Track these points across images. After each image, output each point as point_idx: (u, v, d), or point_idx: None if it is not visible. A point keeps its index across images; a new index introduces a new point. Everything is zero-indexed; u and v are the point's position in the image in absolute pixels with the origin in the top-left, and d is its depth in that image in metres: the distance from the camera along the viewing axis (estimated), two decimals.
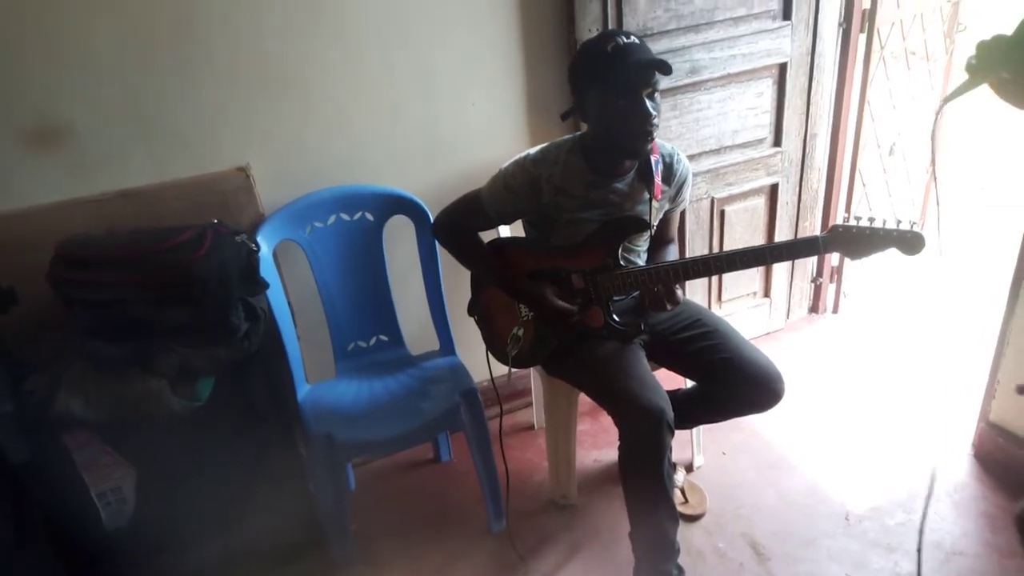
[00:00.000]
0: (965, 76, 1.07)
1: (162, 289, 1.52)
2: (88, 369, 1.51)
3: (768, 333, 2.80)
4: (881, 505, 2.01)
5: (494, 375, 1.86)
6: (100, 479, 1.61)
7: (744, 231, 2.55)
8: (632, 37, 1.58)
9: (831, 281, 2.87)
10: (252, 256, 1.70)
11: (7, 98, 1.64)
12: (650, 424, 1.59)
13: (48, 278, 1.51)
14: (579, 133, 1.77)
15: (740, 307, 2.70)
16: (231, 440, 1.72)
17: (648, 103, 1.56)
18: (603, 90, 1.58)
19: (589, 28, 2.02)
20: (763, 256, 1.61)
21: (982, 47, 0.98)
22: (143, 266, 1.52)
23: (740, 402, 1.78)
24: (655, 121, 1.58)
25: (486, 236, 1.87)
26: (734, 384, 1.73)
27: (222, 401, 1.65)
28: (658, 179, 1.73)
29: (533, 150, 1.77)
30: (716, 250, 2.53)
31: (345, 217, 2.01)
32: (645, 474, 1.66)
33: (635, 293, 1.82)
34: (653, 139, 1.61)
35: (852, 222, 1.50)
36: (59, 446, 1.51)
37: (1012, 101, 1.03)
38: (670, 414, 1.61)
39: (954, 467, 2.12)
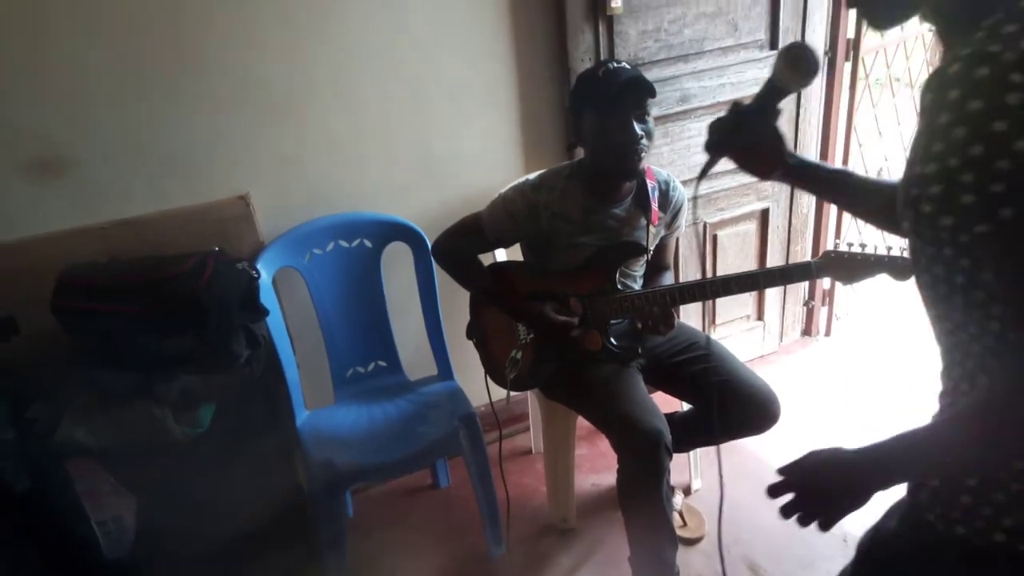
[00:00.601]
0: None
1: (165, 317, 1.53)
2: (91, 397, 1.52)
3: (762, 356, 2.83)
4: None
5: (493, 399, 1.87)
6: (101, 507, 1.60)
7: (736, 255, 2.59)
8: (623, 63, 1.63)
9: (823, 304, 2.90)
10: (253, 283, 1.72)
11: (10, 130, 1.67)
12: (648, 447, 1.60)
13: (51, 307, 1.53)
14: (578, 159, 1.81)
15: (734, 330, 2.72)
16: (231, 467, 1.72)
17: (637, 124, 1.60)
18: (594, 111, 1.64)
19: (581, 58, 2.07)
20: (757, 281, 1.64)
21: (710, 127, 1.11)
22: (146, 294, 1.54)
23: (737, 424, 1.80)
24: (644, 141, 1.62)
25: (484, 261, 1.89)
26: (731, 406, 1.75)
27: (223, 428, 1.66)
28: (655, 205, 1.76)
29: (532, 176, 1.81)
30: (709, 274, 2.56)
31: (344, 244, 2.03)
32: (644, 497, 1.67)
33: (632, 317, 1.84)
34: (641, 158, 1.65)
35: (844, 248, 1.53)
36: (61, 474, 1.51)
37: (749, 170, 1.15)
38: (668, 437, 1.62)
39: None
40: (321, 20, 1.85)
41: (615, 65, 1.63)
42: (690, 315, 2.58)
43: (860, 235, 2.83)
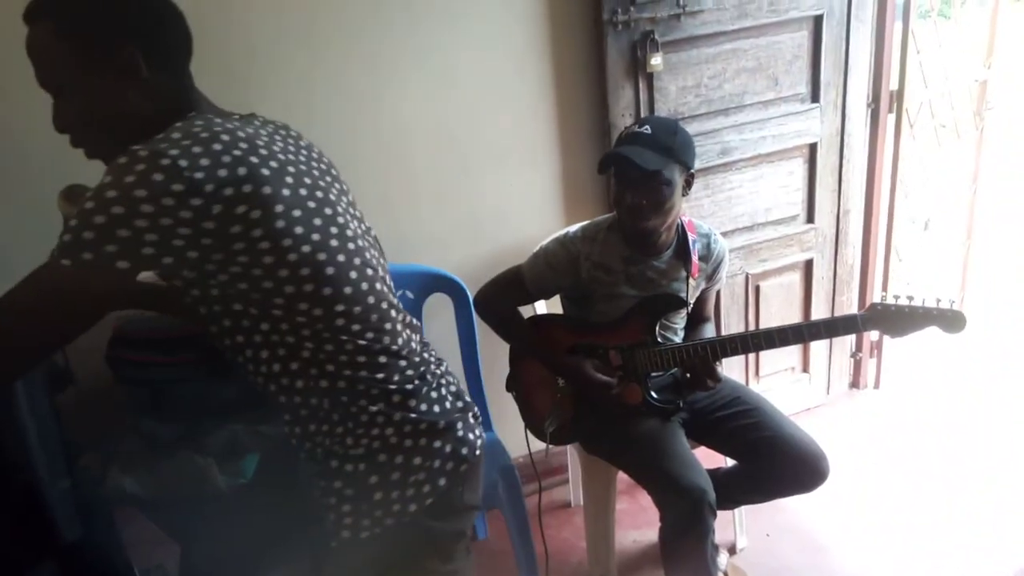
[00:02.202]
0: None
1: (213, 367, 1.57)
2: (139, 446, 1.55)
3: (808, 409, 2.76)
4: None
5: (532, 451, 1.86)
6: (144, 556, 1.62)
7: (780, 306, 2.55)
8: (646, 126, 1.63)
9: (871, 356, 2.83)
10: None
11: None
12: (691, 505, 1.57)
13: (106, 358, 1.58)
14: None
15: (778, 382, 2.67)
16: (272, 518, 1.73)
17: (631, 194, 1.62)
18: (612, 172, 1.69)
19: (622, 113, 2.10)
20: (801, 334, 1.61)
21: None
22: (195, 345, 1.58)
23: (783, 482, 1.75)
24: (644, 214, 1.63)
25: (524, 313, 1.90)
26: (777, 463, 1.71)
27: (265, 478, 1.67)
28: (695, 258, 1.76)
29: (574, 228, 1.83)
30: (752, 325, 2.53)
31: None
32: (688, 556, 1.63)
33: (673, 370, 1.83)
34: (642, 222, 1.65)
35: (891, 300, 1.50)
36: (108, 523, 1.54)
37: None
38: (711, 495, 1.59)
39: (1017, 553, 2.03)
40: (381, 88, 1.93)
41: (636, 129, 1.63)
42: (732, 366, 2.54)
43: (908, 285, 2.77)
